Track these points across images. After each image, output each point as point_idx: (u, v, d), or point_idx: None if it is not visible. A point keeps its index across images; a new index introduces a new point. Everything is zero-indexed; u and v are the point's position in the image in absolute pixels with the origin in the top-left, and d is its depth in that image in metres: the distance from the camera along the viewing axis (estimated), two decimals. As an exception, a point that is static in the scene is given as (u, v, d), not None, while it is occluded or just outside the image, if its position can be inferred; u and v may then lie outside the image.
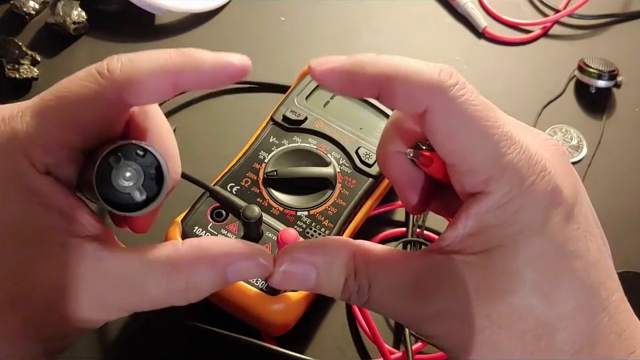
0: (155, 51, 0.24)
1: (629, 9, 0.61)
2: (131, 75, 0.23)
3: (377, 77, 0.23)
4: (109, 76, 0.23)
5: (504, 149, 0.23)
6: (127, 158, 0.23)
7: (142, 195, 0.23)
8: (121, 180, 0.23)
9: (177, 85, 0.24)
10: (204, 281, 0.24)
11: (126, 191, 0.23)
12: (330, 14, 0.59)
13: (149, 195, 0.23)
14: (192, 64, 0.24)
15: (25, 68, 0.51)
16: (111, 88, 0.23)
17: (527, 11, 0.60)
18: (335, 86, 0.24)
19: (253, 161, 0.42)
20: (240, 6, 0.59)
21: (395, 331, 0.41)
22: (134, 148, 0.23)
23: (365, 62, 0.23)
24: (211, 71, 0.24)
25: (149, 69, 0.23)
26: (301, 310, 0.38)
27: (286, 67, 0.53)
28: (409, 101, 0.23)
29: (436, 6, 0.60)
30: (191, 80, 0.24)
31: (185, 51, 0.24)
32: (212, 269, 0.24)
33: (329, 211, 0.40)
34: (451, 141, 0.23)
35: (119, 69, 0.23)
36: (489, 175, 0.23)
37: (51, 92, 0.24)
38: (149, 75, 0.23)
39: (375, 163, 0.42)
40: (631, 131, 0.53)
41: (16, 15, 0.56)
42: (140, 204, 0.23)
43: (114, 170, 0.23)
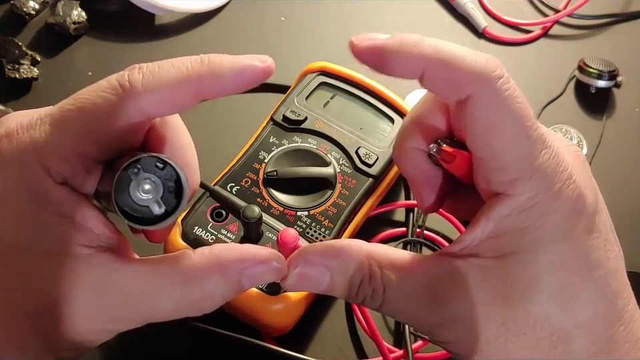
0: (176, 60, 0.23)
1: (629, 9, 0.61)
2: (153, 87, 0.23)
3: (421, 58, 0.23)
4: (129, 88, 0.23)
5: (537, 152, 0.23)
6: (146, 170, 0.23)
7: (160, 208, 0.23)
8: (140, 193, 0.23)
9: (199, 94, 0.23)
10: (218, 289, 0.24)
11: (144, 204, 0.23)
12: (330, 14, 0.59)
13: (167, 208, 0.23)
14: (213, 71, 0.23)
15: (25, 68, 0.51)
16: (132, 100, 0.23)
17: (527, 11, 0.60)
18: (375, 64, 0.24)
19: (253, 161, 0.42)
20: (240, 6, 0.59)
21: (395, 330, 0.41)
22: (154, 160, 0.23)
23: (410, 42, 0.23)
24: (232, 77, 0.23)
25: (170, 81, 0.23)
26: (301, 310, 0.38)
27: (286, 67, 0.53)
28: (453, 86, 0.23)
29: (436, 6, 0.60)
30: (213, 88, 0.23)
31: (205, 58, 0.24)
32: (226, 277, 0.24)
33: (329, 211, 0.40)
34: (489, 133, 0.23)
35: (141, 82, 0.23)
36: (518, 176, 0.23)
37: (70, 101, 0.24)
38: (171, 87, 0.23)
39: (375, 162, 0.42)
40: (631, 131, 0.53)
41: (16, 15, 0.56)
42: (158, 217, 0.23)
43: (133, 182, 0.23)
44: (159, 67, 0.23)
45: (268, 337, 0.39)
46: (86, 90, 0.24)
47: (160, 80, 0.23)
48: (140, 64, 0.23)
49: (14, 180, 0.23)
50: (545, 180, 0.23)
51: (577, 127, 0.52)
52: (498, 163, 0.23)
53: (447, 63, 0.23)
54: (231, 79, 0.23)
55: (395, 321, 0.41)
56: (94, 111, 0.23)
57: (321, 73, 0.46)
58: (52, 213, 0.23)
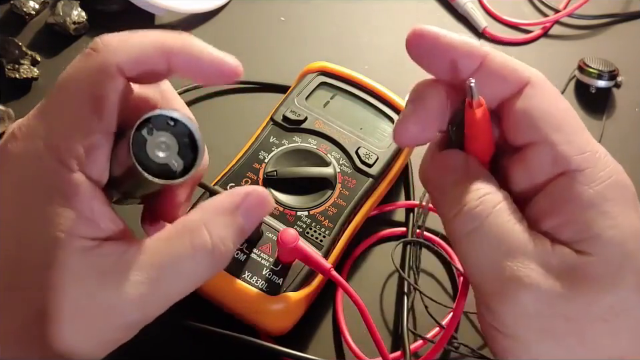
0: (153, 30, 0.24)
1: (629, 9, 0.61)
2: (128, 48, 0.23)
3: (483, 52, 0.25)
4: (106, 50, 0.23)
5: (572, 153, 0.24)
6: (159, 129, 0.23)
7: (179, 163, 0.23)
8: (157, 151, 0.23)
9: (172, 64, 0.24)
10: (225, 231, 0.24)
11: (163, 161, 0.23)
12: (330, 14, 0.59)
13: (185, 163, 0.23)
14: (188, 47, 0.24)
15: (25, 68, 0.51)
16: (109, 61, 0.23)
17: (527, 11, 0.60)
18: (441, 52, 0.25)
19: (253, 161, 0.42)
20: (240, 6, 0.59)
21: (394, 332, 0.41)
22: (165, 118, 0.23)
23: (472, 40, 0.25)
24: (205, 62, 0.24)
25: (145, 43, 0.24)
26: (301, 310, 0.38)
27: (286, 67, 0.53)
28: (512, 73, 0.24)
29: (436, 6, 0.60)
30: (183, 62, 0.24)
31: (184, 34, 0.25)
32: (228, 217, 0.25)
33: (329, 211, 0.40)
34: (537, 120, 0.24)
35: (116, 42, 0.23)
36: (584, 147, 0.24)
37: (55, 87, 0.24)
38: (146, 48, 0.23)
39: (375, 162, 0.42)
40: (631, 131, 0.53)
41: (16, 15, 0.56)
42: (179, 173, 0.23)
43: (148, 141, 0.23)
44: (135, 31, 0.24)
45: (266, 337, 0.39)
46: (64, 72, 0.24)
47: (134, 39, 0.24)
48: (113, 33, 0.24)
49: (24, 175, 0.23)
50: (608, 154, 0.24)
51: (577, 127, 0.52)
52: (563, 137, 0.23)
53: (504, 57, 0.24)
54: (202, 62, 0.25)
55: (394, 322, 0.41)
56: (76, 83, 0.23)
57: (321, 73, 0.46)
58: (59, 205, 0.23)
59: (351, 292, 0.36)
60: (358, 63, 0.54)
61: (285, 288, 0.37)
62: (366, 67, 0.54)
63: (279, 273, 0.37)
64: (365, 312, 0.36)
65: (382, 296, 0.43)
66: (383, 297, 0.43)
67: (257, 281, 0.37)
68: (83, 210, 0.23)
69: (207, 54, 0.25)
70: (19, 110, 0.50)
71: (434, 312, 0.40)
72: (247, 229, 0.25)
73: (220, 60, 0.25)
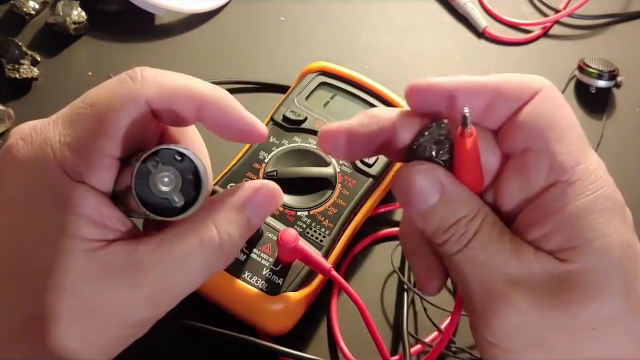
0: (194, 78, 0.25)
1: (629, 9, 0.61)
2: (162, 86, 0.24)
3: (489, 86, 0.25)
4: (141, 83, 0.23)
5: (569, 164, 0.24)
6: (165, 163, 0.23)
7: (180, 200, 0.23)
8: (160, 185, 0.23)
9: (200, 112, 0.24)
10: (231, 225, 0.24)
11: (164, 196, 0.23)
12: (330, 14, 0.59)
13: (187, 199, 0.23)
14: (219, 101, 0.25)
15: (25, 68, 0.51)
16: (141, 95, 0.23)
17: (527, 11, 0.60)
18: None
19: (253, 161, 0.42)
20: (240, 6, 0.59)
21: (394, 331, 0.41)
22: (172, 152, 0.23)
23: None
24: (236, 121, 0.25)
25: (179, 85, 0.24)
26: (301, 310, 0.38)
27: (286, 67, 0.53)
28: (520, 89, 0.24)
29: (436, 6, 0.60)
30: (212, 114, 0.25)
31: (222, 90, 0.25)
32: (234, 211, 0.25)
33: (329, 211, 0.40)
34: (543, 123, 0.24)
35: (154, 77, 0.24)
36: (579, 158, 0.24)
37: (81, 100, 0.24)
38: (178, 91, 0.24)
39: (375, 162, 0.42)
40: (630, 131, 0.53)
41: (16, 14, 0.56)
42: (178, 209, 0.23)
43: (152, 174, 0.23)
44: (172, 72, 0.24)
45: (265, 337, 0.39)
46: (95, 89, 0.24)
47: (170, 79, 0.24)
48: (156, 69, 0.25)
49: (32, 181, 0.23)
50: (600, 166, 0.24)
51: (577, 127, 0.52)
52: (564, 147, 0.24)
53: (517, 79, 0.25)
54: (230, 118, 0.25)
55: (394, 323, 0.41)
56: (105, 105, 0.23)
57: (321, 73, 0.46)
58: (68, 213, 0.23)
59: (351, 292, 0.36)
60: (358, 63, 0.54)
61: (285, 288, 0.37)
62: (366, 67, 0.54)
63: (279, 273, 0.37)
64: (365, 312, 0.36)
65: (382, 296, 0.43)
66: (382, 297, 0.43)
67: (257, 281, 0.37)
68: (90, 214, 0.23)
69: (237, 112, 0.25)
70: (19, 110, 0.50)
71: (434, 313, 0.40)
72: (254, 223, 0.25)
73: (249, 124, 0.25)
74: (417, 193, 0.24)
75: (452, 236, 0.24)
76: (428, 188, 0.24)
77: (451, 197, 0.24)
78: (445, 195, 0.24)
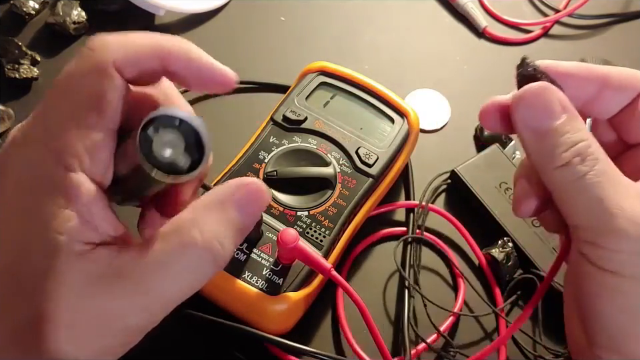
0: (151, 33, 0.24)
1: (629, 9, 0.61)
2: (125, 46, 0.24)
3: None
4: (102, 48, 0.23)
5: None
6: (165, 127, 0.23)
7: (186, 160, 0.23)
8: (164, 149, 0.22)
9: (168, 65, 0.24)
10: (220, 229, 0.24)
11: (170, 160, 0.22)
12: (330, 14, 0.59)
13: (192, 160, 0.23)
14: (186, 49, 0.25)
15: (25, 68, 0.51)
16: (105, 59, 0.23)
17: (527, 10, 0.60)
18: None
19: (253, 161, 0.42)
20: (240, 6, 0.59)
21: (395, 331, 0.41)
22: (170, 117, 0.23)
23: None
24: (203, 65, 0.25)
25: (141, 42, 0.24)
26: (302, 310, 0.38)
27: (286, 67, 0.53)
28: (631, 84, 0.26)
29: (436, 6, 0.60)
30: (181, 65, 0.24)
31: (183, 39, 0.25)
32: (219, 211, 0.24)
33: (329, 211, 0.40)
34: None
35: (112, 41, 0.24)
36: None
37: (53, 86, 0.24)
38: (141, 45, 0.24)
39: (375, 162, 0.42)
40: (631, 131, 0.53)
41: (16, 14, 0.56)
42: (186, 170, 0.23)
43: (154, 140, 0.22)
44: (131, 32, 0.24)
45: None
46: (62, 74, 0.24)
47: (131, 38, 0.24)
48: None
49: (26, 177, 0.23)
50: None
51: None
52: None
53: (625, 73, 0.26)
54: (199, 67, 0.25)
55: (395, 322, 0.41)
56: (75, 82, 0.23)
57: (320, 73, 0.46)
58: (62, 207, 0.22)
59: (351, 292, 0.36)
60: (358, 63, 0.54)
61: (285, 288, 0.37)
62: (366, 67, 0.54)
63: (279, 273, 0.37)
64: (365, 312, 0.36)
65: (383, 296, 0.43)
66: (384, 296, 0.43)
67: (257, 281, 0.37)
68: (82, 212, 0.23)
69: (205, 59, 0.25)
70: (19, 110, 0.50)
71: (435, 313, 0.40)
72: (243, 222, 0.24)
73: (217, 67, 0.25)
74: (546, 110, 0.24)
75: (575, 157, 0.24)
76: (556, 106, 0.24)
77: (575, 118, 0.24)
78: (571, 115, 0.24)
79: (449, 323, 0.41)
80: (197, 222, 0.23)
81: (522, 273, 0.42)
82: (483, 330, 0.41)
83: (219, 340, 0.39)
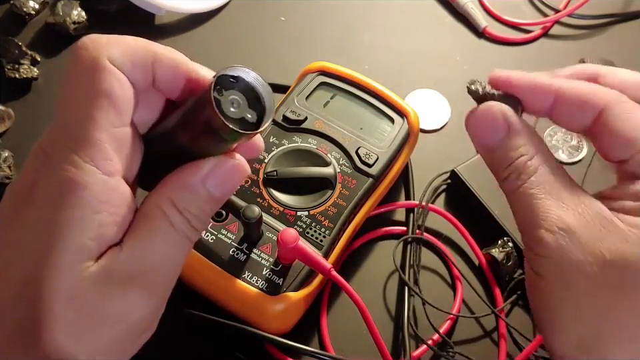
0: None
1: (629, 9, 0.61)
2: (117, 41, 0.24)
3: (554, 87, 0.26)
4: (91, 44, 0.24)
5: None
6: (226, 88, 0.24)
7: (253, 115, 0.24)
8: (231, 108, 0.23)
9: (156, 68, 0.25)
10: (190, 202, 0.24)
11: (238, 116, 0.24)
12: (330, 14, 0.59)
13: (258, 113, 0.24)
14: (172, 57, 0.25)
15: (25, 68, 0.51)
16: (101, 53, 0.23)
17: (527, 10, 0.60)
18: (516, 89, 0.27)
19: (253, 161, 0.42)
20: (240, 6, 0.59)
21: (394, 330, 0.41)
22: (226, 77, 0.24)
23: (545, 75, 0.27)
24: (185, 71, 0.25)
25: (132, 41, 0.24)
26: (301, 310, 0.38)
27: (286, 67, 0.53)
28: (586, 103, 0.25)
29: (436, 6, 0.60)
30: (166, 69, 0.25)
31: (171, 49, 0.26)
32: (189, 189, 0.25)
33: (329, 211, 0.40)
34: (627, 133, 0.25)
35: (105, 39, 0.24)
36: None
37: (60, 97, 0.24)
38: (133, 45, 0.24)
39: (375, 162, 0.42)
40: (631, 131, 0.53)
41: (16, 15, 0.56)
42: (256, 124, 0.24)
43: (222, 101, 0.23)
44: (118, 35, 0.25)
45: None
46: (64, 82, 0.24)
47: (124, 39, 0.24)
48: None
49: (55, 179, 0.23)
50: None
51: (577, 127, 0.52)
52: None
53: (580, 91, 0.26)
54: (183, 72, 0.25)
55: (394, 326, 0.41)
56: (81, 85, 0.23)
57: (320, 73, 0.46)
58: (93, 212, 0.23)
59: (351, 292, 0.36)
60: (358, 63, 0.54)
61: (285, 288, 0.37)
62: (366, 67, 0.54)
63: (279, 273, 0.37)
64: (365, 312, 0.36)
65: (383, 295, 0.43)
66: (384, 296, 0.43)
67: (257, 281, 0.37)
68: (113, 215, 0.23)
69: (192, 66, 0.25)
70: (19, 110, 0.50)
71: (435, 313, 0.40)
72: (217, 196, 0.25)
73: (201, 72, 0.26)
74: (487, 129, 0.26)
75: (512, 173, 0.26)
76: (497, 125, 0.26)
77: (516, 135, 0.26)
78: (511, 132, 0.26)
79: (448, 323, 0.41)
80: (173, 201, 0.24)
81: (522, 273, 0.42)
82: (483, 330, 0.42)
83: (219, 340, 0.39)
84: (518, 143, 0.26)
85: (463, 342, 0.41)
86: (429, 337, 0.40)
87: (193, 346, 0.40)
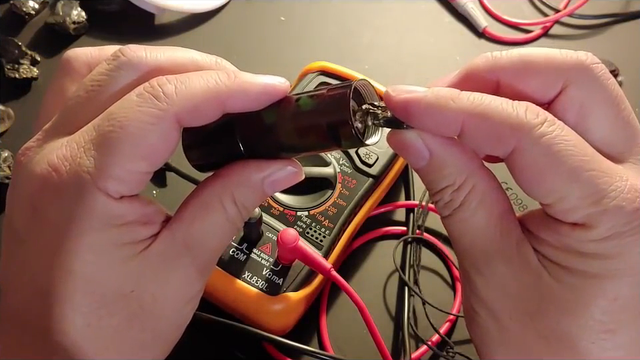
0: (204, 73, 0.24)
1: (629, 9, 0.61)
2: (187, 100, 0.23)
3: (459, 114, 0.22)
4: (167, 100, 0.23)
5: (603, 187, 0.22)
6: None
7: (362, 127, 0.25)
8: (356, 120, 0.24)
9: (224, 107, 0.24)
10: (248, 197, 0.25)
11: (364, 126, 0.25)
12: (330, 14, 0.59)
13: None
14: (240, 87, 0.24)
15: (25, 68, 0.51)
16: (170, 113, 0.23)
17: (527, 10, 0.60)
18: (412, 119, 0.23)
19: (253, 161, 0.41)
20: (240, 6, 0.59)
21: (394, 330, 0.41)
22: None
23: (448, 97, 0.23)
24: (256, 95, 0.24)
25: (202, 95, 0.23)
26: (301, 310, 0.38)
27: (286, 67, 0.53)
28: (495, 141, 0.23)
29: (436, 6, 0.60)
30: (238, 104, 0.24)
31: (232, 73, 0.25)
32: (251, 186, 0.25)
33: (329, 211, 0.40)
34: (543, 181, 0.22)
35: (175, 93, 0.23)
36: (588, 212, 0.22)
37: (106, 119, 0.23)
38: (203, 101, 0.23)
39: (375, 162, 0.42)
40: (631, 131, 0.53)
41: (16, 14, 0.56)
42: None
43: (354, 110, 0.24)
44: (189, 80, 0.24)
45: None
46: (117, 107, 0.23)
47: (193, 94, 0.23)
48: (166, 75, 0.24)
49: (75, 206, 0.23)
50: (621, 214, 0.22)
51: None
52: (562, 206, 0.22)
53: (485, 117, 0.22)
54: (255, 96, 0.24)
55: (395, 327, 0.41)
56: (136, 128, 0.23)
57: (320, 73, 0.46)
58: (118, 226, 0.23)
59: (351, 292, 0.36)
60: (358, 63, 0.54)
61: (285, 288, 0.37)
62: (366, 67, 0.54)
63: (278, 273, 0.37)
64: (365, 312, 0.36)
65: (383, 296, 0.43)
66: (384, 296, 0.43)
67: (257, 280, 0.37)
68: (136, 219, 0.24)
69: (257, 85, 0.25)
70: (19, 110, 0.50)
71: (435, 313, 0.40)
72: (269, 194, 0.26)
73: (268, 88, 0.25)
74: (408, 155, 0.25)
75: (439, 201, 0.25)
76: (417, 152, 0.24)
77: (438, 162, 0.24)
78: (432, 160, 0.24)
79: (448, 324, 0.41)
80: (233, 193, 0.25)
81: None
82: (483, 330, 0.41)
83: (218, 339, 0.39)
84: (442, 171, 0.24)
85: (463, 342, 0.41)
86: (429, 337, 0.40)
87: (193, 346, 0.40)
